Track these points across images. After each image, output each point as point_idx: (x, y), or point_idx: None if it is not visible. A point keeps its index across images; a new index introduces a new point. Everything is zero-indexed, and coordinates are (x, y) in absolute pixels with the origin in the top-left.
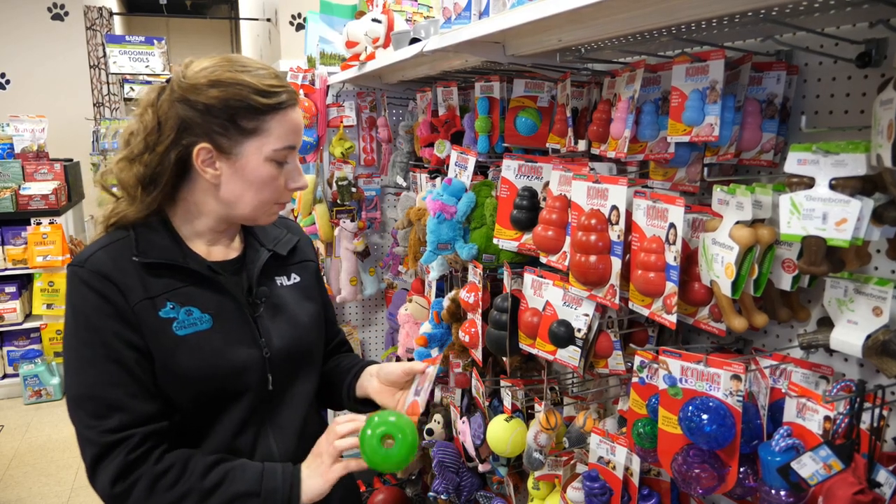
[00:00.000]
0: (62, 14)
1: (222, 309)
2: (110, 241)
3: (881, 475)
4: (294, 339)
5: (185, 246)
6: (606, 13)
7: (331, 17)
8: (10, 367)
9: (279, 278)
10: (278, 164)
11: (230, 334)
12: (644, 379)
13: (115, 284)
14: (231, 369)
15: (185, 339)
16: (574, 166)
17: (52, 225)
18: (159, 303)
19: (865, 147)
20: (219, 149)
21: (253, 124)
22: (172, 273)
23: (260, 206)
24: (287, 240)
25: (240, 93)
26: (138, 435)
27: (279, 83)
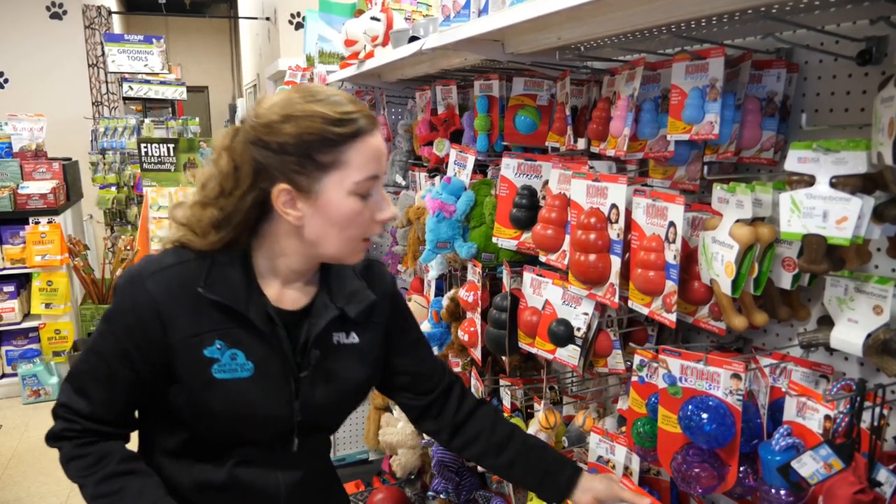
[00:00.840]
0: (61, 13)
1: (267, 361)
2: (181, 260)
3: (882, 474)
4: (332, 406)
5: (255, 285)
6: (606, 11)
7: (330, 15)
8: (8, 367)
9: (337, 334)
10: (362, 196)
11: (267, 389)
12: (644, 378)
13: (160, 315)
14: (256, 424)
15: (220, 382)
16: (573, 165)
17: (51, 224)
18: (207, 339)
19: (866, 145)
20: (298, 188)
21: (330, 157)
22: (232, 313)
23: (346, 243)
24: (362, 297)
25: (312, 125)
26: (82, 425)
27: (354, 108)
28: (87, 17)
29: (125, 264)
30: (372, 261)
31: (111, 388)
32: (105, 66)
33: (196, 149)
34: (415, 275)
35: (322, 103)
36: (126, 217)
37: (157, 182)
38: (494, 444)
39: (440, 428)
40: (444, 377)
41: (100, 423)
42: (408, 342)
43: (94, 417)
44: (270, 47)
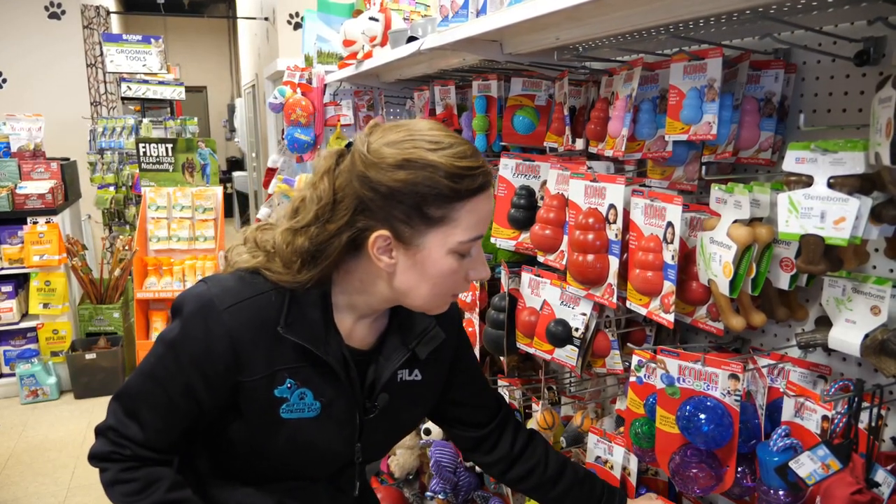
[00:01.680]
0: (59, 13)
1: (335, 401)
2: (258, 292)
3: (879, 475)
4: (391, 441)
5: (332, 322)
6: (604, 11)
7: (328, 15)
8: (6, 367)
9: (401, 371)
10: (462, 255)
11: (331, 430)
12: (642, 378)
13: (236, 353)
14: (314, 461)
15: (286, 422)
16: (572, 165)
17: (49, 224)
18: (279, 378)
19: (864, 145)
20: (398, 237)
21: (441, 213)
22: (307, 353)
23: (434, 298)
24: (432, 336)
25: (431, 177)
26: (131, 451)
27: (476, 163)
28: (85, 17)
29: (123, 264)
30: None
31: (168, 418)
32: (103, 65)
33: (194, 149)
34: None
35: (444, 153)
36: (124, 217)
37: (155, 182)
38: (549, 478)
39: (495, 461)
40: (500, 410)
41: (151, 450)
42: (468, 376)
43: (147, 445)
44: (269, 47)
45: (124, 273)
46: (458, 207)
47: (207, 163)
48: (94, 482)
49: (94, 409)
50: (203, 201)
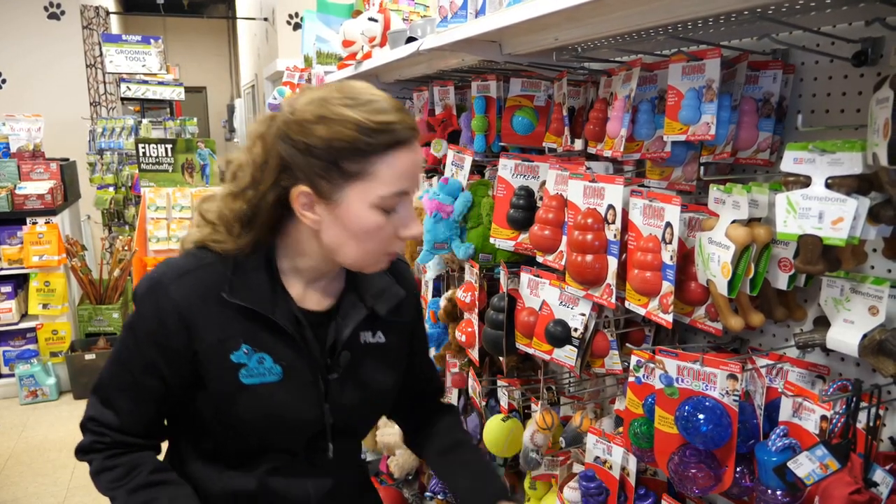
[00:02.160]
0: (58, 13)
1: (296, 364)
2: (202, 264)
3: (877, 475)
4: (363, 407)
5: (279, 285)
6: (603, 12)
7: (328, 16)
8: (5, 368)
9: (364, 334)
10: (386, 211)
11: (296, 393)
12: (640, 378)
13: (186, 322)
14: (287, 429)
15: (248, 387)
16: (570, 165)
17: (48, 224)
18: (234, 344)
19: (861, 146)
20: (319, 193)
21: (357, 167)
22: (259, 317)
23: (365, 255)
24: (391, 295)
25: (345, 132)
26: (111, 438)
27: (395, 118)
28: (84, 18)
29: (123, 265)
30: (399, 258)
31: (138, 399)
32: (103, 66)
33: (194, 149)
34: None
35: (360, 108)
36: (124, 217)
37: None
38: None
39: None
40: (435, 382)
41: (129, 434)
42: (422, 345)
43: (124, 429)
44: (268, 48)
45: (124, 273)
46: (375, 161)
47: (207, 163)
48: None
49: None
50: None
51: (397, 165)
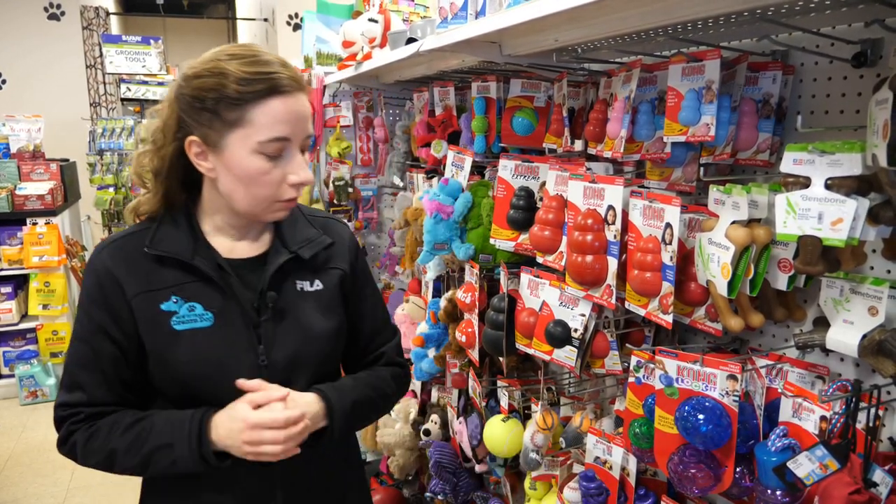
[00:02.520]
0: (58, 14)
1: (226, 309)
2: (132, 231)
3: (877, 475)
4: (300, 351)
5: (202, 241)
6: (603, 13)
7: (328, 16)
8: (5, 368)
9: (301, 282)
10: (269, 157)
11: (228, 337)
12: (640, 379)
13: (117, 278)
14: (222, 372)
15: (181, 333)
16: (570, 166)
17: (48, 225)
18: (163, 296)
19: (861, 147)
20: (206, 142)
21: (235, 115)
22: (181, 267)
23: (255, 202)
24: (317, 242)
25: (219, 83)
26: (85, 413)
27: (266, 69)
28: (84, 18)
29: None
30: (333, 218)
31: (99, 368)
32: (103, 66)
33: None
34: (413, 276)
35: (238, 61)
36: (123, 218)
37: None
38: None
39: None
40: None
41: (101, 405)
42: (364, 303)
43: (94, 402)
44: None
45: None
46: (251, 109)
47: None
48: (94, 483)
49: None
50: None
51: (272, 113)
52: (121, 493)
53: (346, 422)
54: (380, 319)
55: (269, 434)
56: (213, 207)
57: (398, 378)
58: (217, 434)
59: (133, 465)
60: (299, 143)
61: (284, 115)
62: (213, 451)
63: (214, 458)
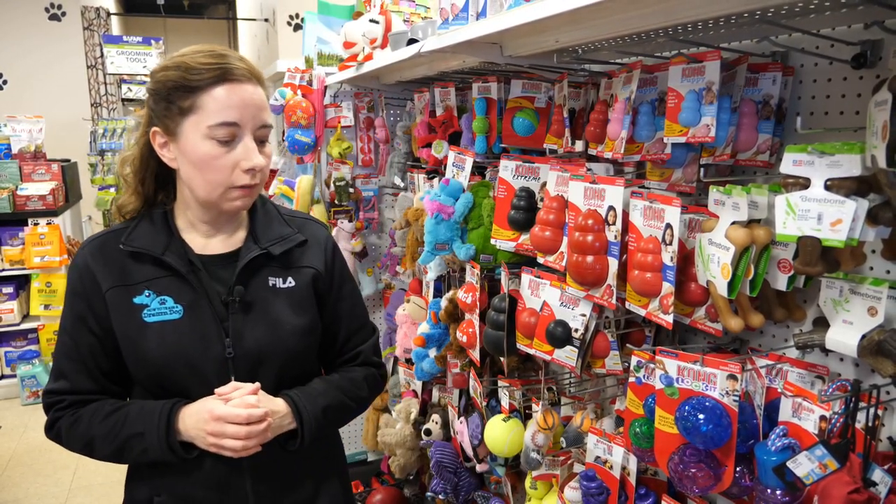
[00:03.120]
0: (59, 14)
1: (195, 303)
2: (113, 228)
3: (876, 474)
4: (268, 345)
5: (176, 237)
6: (603, 14)
7: (328, 17)
8: (7, 368)
9: (274, 279)
10: (221, 142)
11: (196, 329)
12: (641, 379)
13: (93, 272)
14: (190, 363)
15: (150, 325)
16: (571, 167)
17: (50, 226)
18: (136, 290)
19: (860, 148)
20: (166, 131)
21: (188, 102)
22: (155, 263)
23: (211, 188)
24: (289, 240)
25: (174, 73)
26: (68, 400)
27: (214, 60)
28: (85, 19)
29: None
30: (311, 219)
31: (79, 358)
32: (104, 67)
33: None
34: (413, 276)
35: (194, 54)
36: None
37: None
38: None
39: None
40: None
41: (82, 393)
42: (339, 304)
43: (76, 390)
44: (269, 49)
45: None
46: (202, 95)
47: None
48: (96, 483)
49: None
50: None
51: (221, 98)
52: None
53: (316, 425)
54: (357, 319)
55: (232, 429)
56: (185, 202)
57: (372, 379)
58: (184, 425)
59: (110, 451)
60: (251, 130)
61: (233, 100)
62: (180, 441)
63: (181, 449)
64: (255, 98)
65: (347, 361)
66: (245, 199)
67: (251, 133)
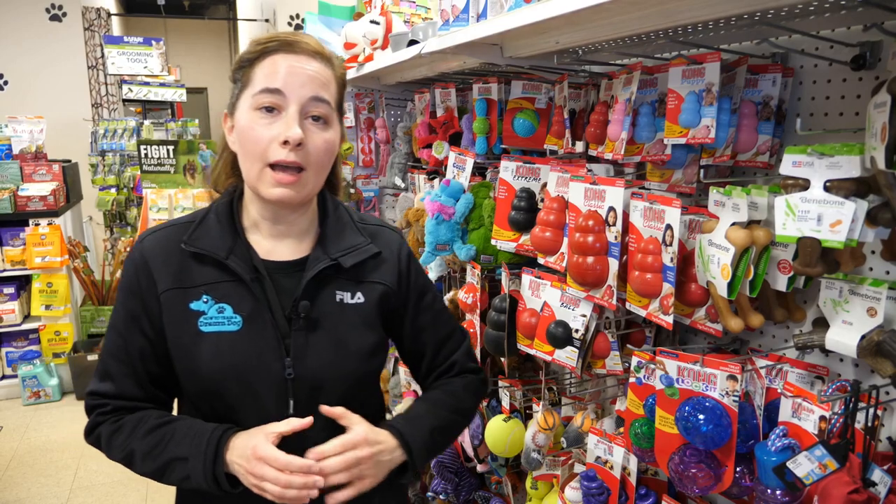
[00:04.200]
0: (60, 15)
1: (256, 315)
2: (176, 223)
3: (876, 474)
4: (332, 368)
5: (241, 238)
6: (603, 16)
7: (329, 18)
8: (8, 368)
9: (341, 293)
10: (263, 112)
11: (255, 344)
12: (641, 379)
13: (151, 269)
14: (245, 382)
15: (206, 336)
16: (571, 168)
17: (51, 226)
18: (193, 294)
19: (859, 149)
20: (230, 111)
21: (244, 77)
22: (216, 266)
23: (250, 166)
24: (362, 251)
25: (243, 53)
26: (112, 405)
27: (275, 35)
28: (86, 19)
29: None
30: (385, 225)
31: (128, 359)
32: (104, 67)
33: (196, 150)
34: None
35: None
36: (126, 219)
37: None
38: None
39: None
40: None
41: (128, 399)
42: (423, 317)
43: (122, 394)
44: None
45: None
46: (254, 67)
47: (209, 164)
48: (97, 482)
49: None
50: (204, 203)
51: (270, 65)
52: (124, 493)
53: (426, 453)
54: (443, 328)
55: (271, 472)
56: (248, 196)
57: (473, 386)
58: (231, 456)
59: (150, 470)
60: (298, 102)
61: (279, 68)
62: (226, 474)
63: (226, 482)
64: (309, 69)
65: (443, 374)
66: (286, 190)
67: (298, 105)
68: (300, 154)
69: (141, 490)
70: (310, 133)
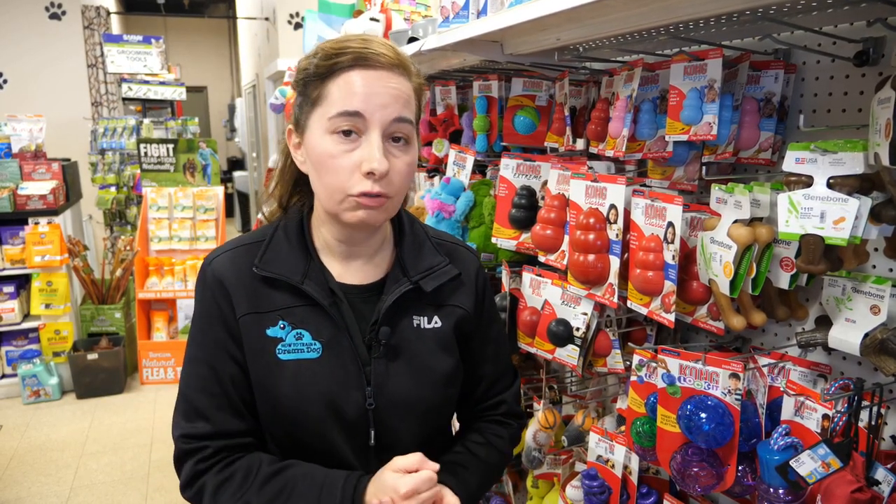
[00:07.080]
0: (59, 13)
1: (335, 341)
2: (242, 243)
3: (879, 473)
4: (414, 397)
5: (315, 260)
6: (604, 12)
7: (329, 15)
8: (8, 367)
9: (418, 318)
10: (342, 138)
11: (335, 373)
12: (643, 378)
13: (229, 293)
14: (325, 412)
15: (285, 364)
16: (572, 165)
17: (50, 225)
18: (270, 319)
19: (863, 146)
20: (297, 127)
21: (317, 92)
22: (290, 290)
23: (329, 195)
24: (442, 272)
25: (310, 62)
26: (212, 448)
27: (350, 45)
28: (86, 18)
29: (125, 265)
30: (460, 244)
31: (221, 391)
32: (104, 66)
33: (195, 149)
34: None
35: (335, 41)
36: (125, 217)
37: (156, 182)
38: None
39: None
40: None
41: (227, 437)
42: (486, 346)
43: (222, 433)
44: (269, 47)
45: (126, 273)
46: (329, 84)
47: (208, 163)
48: (97, 481)
49: (95, 409)
50: (204, 201)
51: (347, 85)
52: (125, 492)
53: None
54: (501, 364)
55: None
56: (319, 217)
57: (515, 437)
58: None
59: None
60: (381, 126)
61: (358, 87)
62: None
63: None
64: (391, 87)
65: (488, 409)
66: (369, 213)
67: (381, 129)
68: (384, 184)
69: (141, 489)
70: (393, 159)
